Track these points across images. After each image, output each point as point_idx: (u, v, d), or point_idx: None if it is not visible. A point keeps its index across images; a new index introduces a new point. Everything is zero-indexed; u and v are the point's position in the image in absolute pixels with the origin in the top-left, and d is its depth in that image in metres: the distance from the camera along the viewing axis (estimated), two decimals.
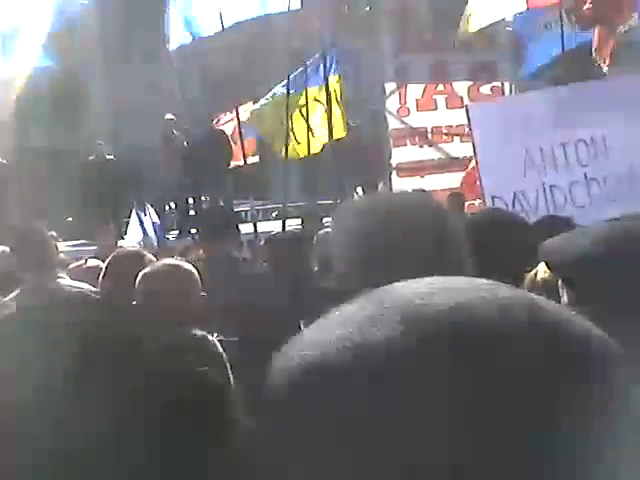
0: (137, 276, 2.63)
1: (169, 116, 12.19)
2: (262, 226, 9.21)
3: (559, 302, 1.58)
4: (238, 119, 9.82)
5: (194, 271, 2.67)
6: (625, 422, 0.57)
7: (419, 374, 0.55)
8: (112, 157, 12.07)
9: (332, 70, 9.44)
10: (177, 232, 12.11)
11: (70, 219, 12.01)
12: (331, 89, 9.36)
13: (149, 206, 8.71)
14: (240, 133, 9.75)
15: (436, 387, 0.54)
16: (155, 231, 8.36)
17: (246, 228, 8.04)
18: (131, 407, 1.98)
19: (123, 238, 10.69)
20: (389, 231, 1.42)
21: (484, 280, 0.63)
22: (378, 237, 1.41)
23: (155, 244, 7.90)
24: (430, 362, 0.55)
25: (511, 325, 0.57)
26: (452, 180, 8.85)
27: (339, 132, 9.76)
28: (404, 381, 0.55)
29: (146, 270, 2.65)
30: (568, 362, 0.57)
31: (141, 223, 8.24)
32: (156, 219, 8.78)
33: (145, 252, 3.81)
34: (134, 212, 8.40)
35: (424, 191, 8.42)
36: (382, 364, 0.55)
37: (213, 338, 2.54)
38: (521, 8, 7.76)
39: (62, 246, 6.53)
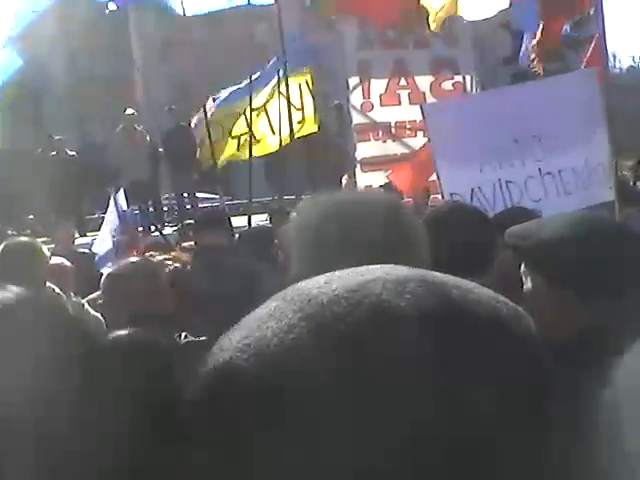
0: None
1: (130, 111, 12.07)
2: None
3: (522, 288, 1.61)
4: (206, 118, 9.71)
5: (160, 270, 2.67)
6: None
7: (314, 359, 0.55)
8: (74, 153, 11.94)
9: (298, 62, 9.45)
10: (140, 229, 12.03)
11: (31, 217, 11.86)
12: (301, 81, 9.38)
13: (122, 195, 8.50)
14: (209, 132, 9.64)
15: (329, 369, 0.54)
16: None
17: None
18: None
19: (85, 235, 10.57)
20: (340, 226, 1.43)
21: (392, 265, 0.63)
22: (329, 232, 1.42)
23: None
24: (324, 345, 0.55)
25: (404, 300, 0.57)
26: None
27: (310, 127, 9.69)
28: (300, 368, 0.55)
29: (112, 270, 2.65)
30: (462, 334, 0.57)
31: (122, 212, 8.08)
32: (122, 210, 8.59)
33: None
34: (112, 201, 8.24)
35: (389, 185, 8.45)
36: (276, 355, 0.55)
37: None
38: (505, 5, 7.67)
39: None
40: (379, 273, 0.60)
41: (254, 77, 9.27)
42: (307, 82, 9.48)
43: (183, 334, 2.57)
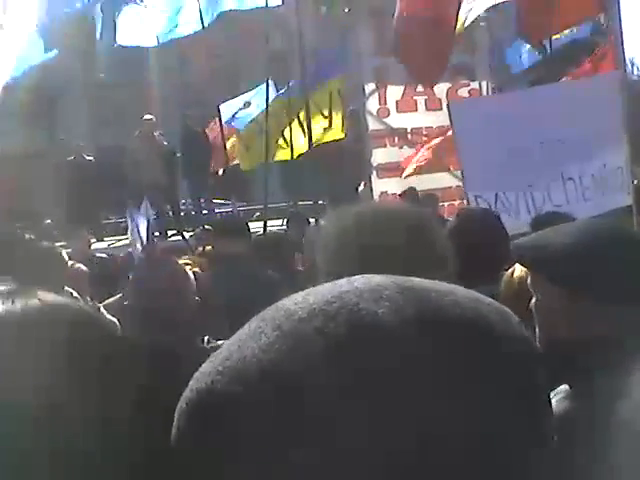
0: None
1: (148, 116, 12.10)
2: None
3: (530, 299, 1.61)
4: (220, 122, 9.75)
5: (189, 271, 2.68)
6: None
7: (294, 377, 0.54)
8: (91, 158, 12.00)
9: (331, 72, 9.72)
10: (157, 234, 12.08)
11: (49, 221, 11.93)
12: (333, 89, 9.59)
13: (146, 202, 8.50)
14: (223, 136, 9.69)
15: (311, 387, 0.53)
16: (148, 228, 8.20)
17: None
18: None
19: (101, 239, 10.63)
20: (364, 238, 1.43)
21: (371, 274, 0.62)
22: (353, 244, 1.42)
23: (144, 242, 7.80)
24: (303, 363, 0.54)
25: (382, 307, 0.56)
26: (431, 181, 8.89)
27: (337, 133, 10.00)
28: (281, 388, 0.54)
29: (137, 271, 2.65)
30: (443, 336, 0.56)
31: (133, 221, 8.11)
32: (152, 215, 8.61)
33: None
34: (128, 210, 8.27)
35: (411, 192, 8.39)
36: (256, 376, 0.55)
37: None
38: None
39: None
40: (357, 283, 0.60)
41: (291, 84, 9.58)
42: (339, 90, 9.72)
43: (206, 338, 2.57)
